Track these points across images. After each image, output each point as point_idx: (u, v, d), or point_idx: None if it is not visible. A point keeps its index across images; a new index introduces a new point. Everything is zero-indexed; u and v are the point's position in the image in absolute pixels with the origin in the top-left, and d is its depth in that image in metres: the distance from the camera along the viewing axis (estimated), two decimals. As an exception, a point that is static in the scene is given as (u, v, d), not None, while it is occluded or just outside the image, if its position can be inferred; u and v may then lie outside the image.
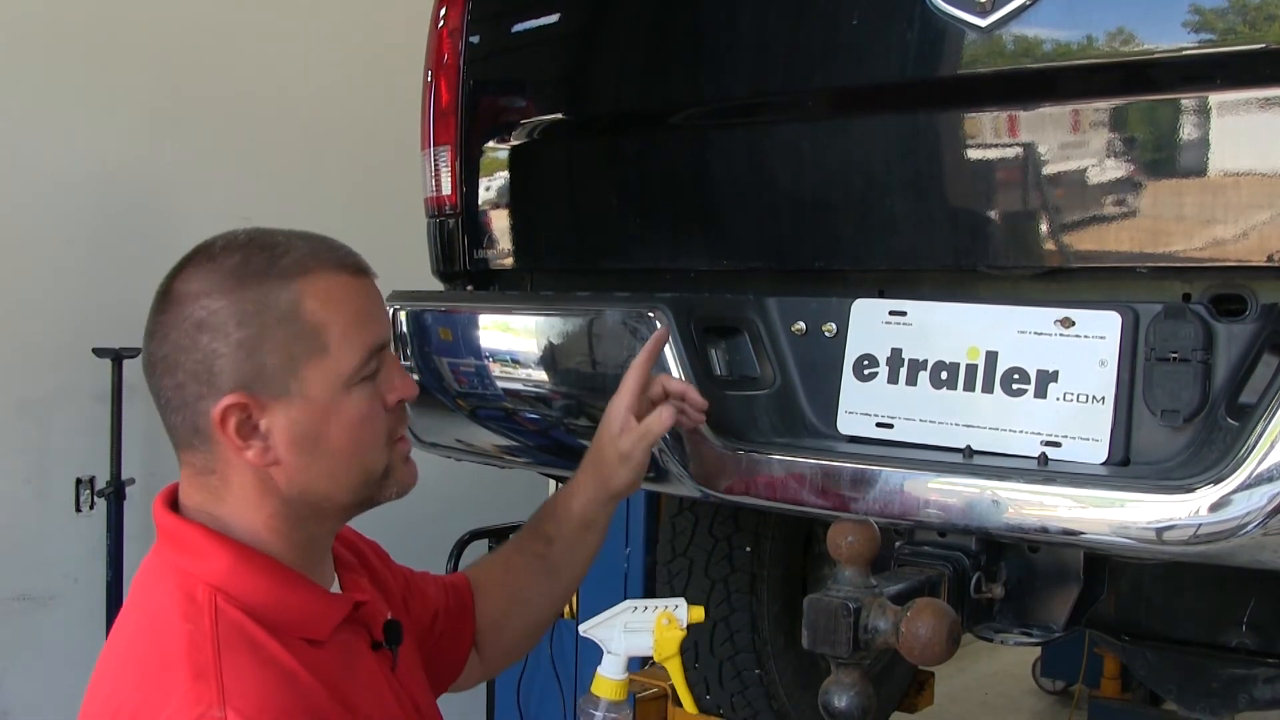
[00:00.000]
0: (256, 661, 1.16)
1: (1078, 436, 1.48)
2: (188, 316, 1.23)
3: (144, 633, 1.22)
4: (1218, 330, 1.43)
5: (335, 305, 1.26)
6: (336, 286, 1.27)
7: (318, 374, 1.25)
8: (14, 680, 3.23)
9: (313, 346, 1.24)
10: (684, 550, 2.50)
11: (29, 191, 3.27)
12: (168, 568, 1.26)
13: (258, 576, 1.24)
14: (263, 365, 1.23)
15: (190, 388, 1.23)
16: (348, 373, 1.26)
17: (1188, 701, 2.48)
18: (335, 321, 1.26)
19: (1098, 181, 1.50)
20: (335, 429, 1.26)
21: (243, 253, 1.26)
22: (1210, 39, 1.42)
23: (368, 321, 1.29)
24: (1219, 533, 1.26)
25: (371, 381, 1.29)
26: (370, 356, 1.28)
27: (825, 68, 1.76)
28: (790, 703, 2.53)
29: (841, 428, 1.69)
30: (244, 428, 1.24)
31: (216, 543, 1.25)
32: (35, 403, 3.31)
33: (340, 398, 1.26)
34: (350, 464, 1.28)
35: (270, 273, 1.24)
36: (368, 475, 1.30)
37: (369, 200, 3.84)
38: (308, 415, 1.25)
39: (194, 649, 1.15)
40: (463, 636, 1.66)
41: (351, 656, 1.31)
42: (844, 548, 1.40)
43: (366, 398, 1.28)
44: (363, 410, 1.28)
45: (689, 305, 1.75)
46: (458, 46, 2.16)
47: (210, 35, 3.65)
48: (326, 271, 1.27)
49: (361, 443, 1.28)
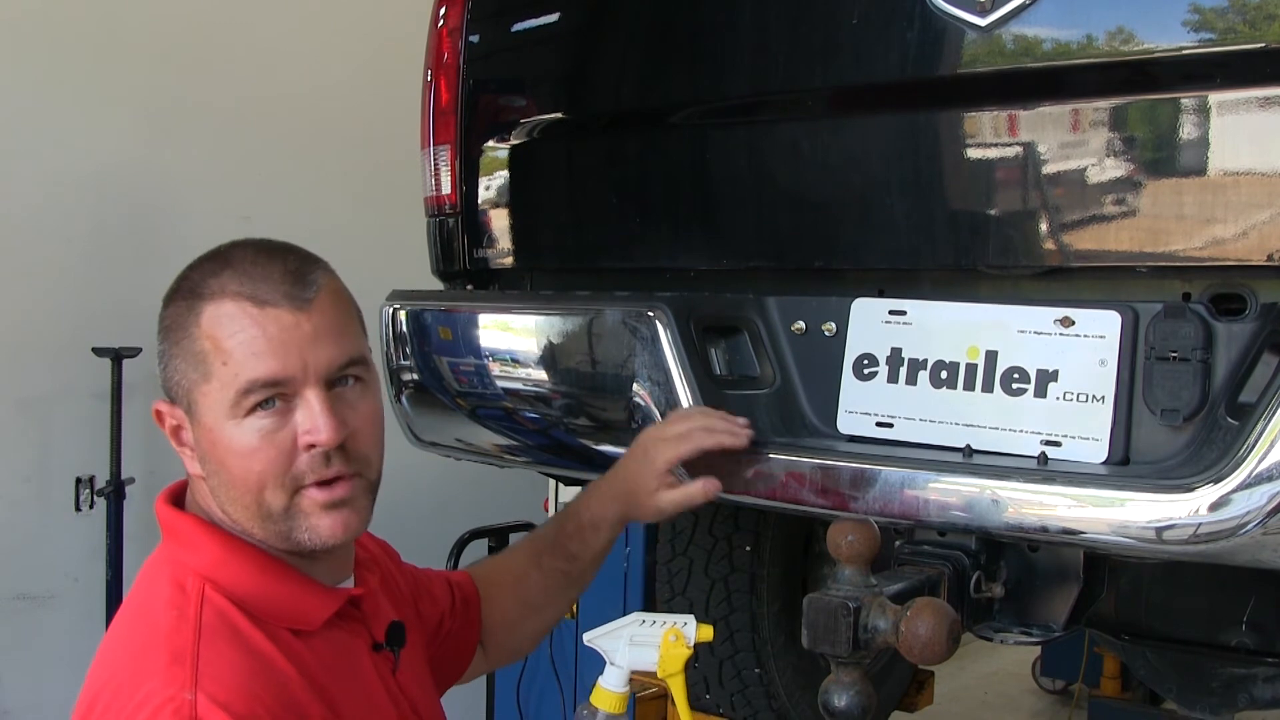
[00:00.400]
0: (235, 648, 1.18)
1: (1077, 436, 1.48)
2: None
3: (134, 619, 1.26)
4: (1217, 329, 1.43)
5: (224, 335, 1.23)
6: (234, 315, 1.23)
7: (207, 400, 1.25)
8: (14, 680, 3.23)
9: (200, 372, 1.24)
10: (684, 550, 2.50)
11: (29, 191, 3.27)
12: (166, 559, 1.29)
13: (244, 567, 1.26)
14: (171, 381, 1.28)
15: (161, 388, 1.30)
16: (227, 402, 1.23)
17: (1188, 701, 2.48)
18: (218, 351, 1.23)
19: (1097, 181, 1.50)
20: (225, 456, 1.25)
21: (199, 267, 1.28)
22: (1210, 39, 1.42)
23: (255, 355, 1.22)
24: (1219, 532, 1.26)
25: (273, 417, 1.23)
26: (249, 391, 1.22)
27: (825, 67, 1.76)
28: (790, 702, 2.53)
29: (841, 427, 1.68)
30: (176, 435, 1.29)
31: (207, 534, 1.28)
32: (35, 402, 3.31)
33: (226, 427, 1.24)
34: (243, 494, 1.25)
35: (193, 292, 1.26)
36: (265, 510, 1.25)
37: (369, 200, 3.84)
38: (203, 437, 1.26)
39: (175, 634, 1.18)
40: (469, 636, 1.66)
41: (346, 654, 1.31)
42: (844, 547, 1.40)
43: (258, 433, 1.23)
44: (248, 444, 1.23)
45: (689, 305, 1.75)
46: (458, 46, 2.16)
47: (210, 35, 3.65)
48: (228, 299, 1.24)
49: (248, 477, 1.24)
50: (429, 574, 1.65)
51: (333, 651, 1.28)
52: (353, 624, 1.34)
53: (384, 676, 1.35)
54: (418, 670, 1.46)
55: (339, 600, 1.31)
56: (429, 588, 1.61)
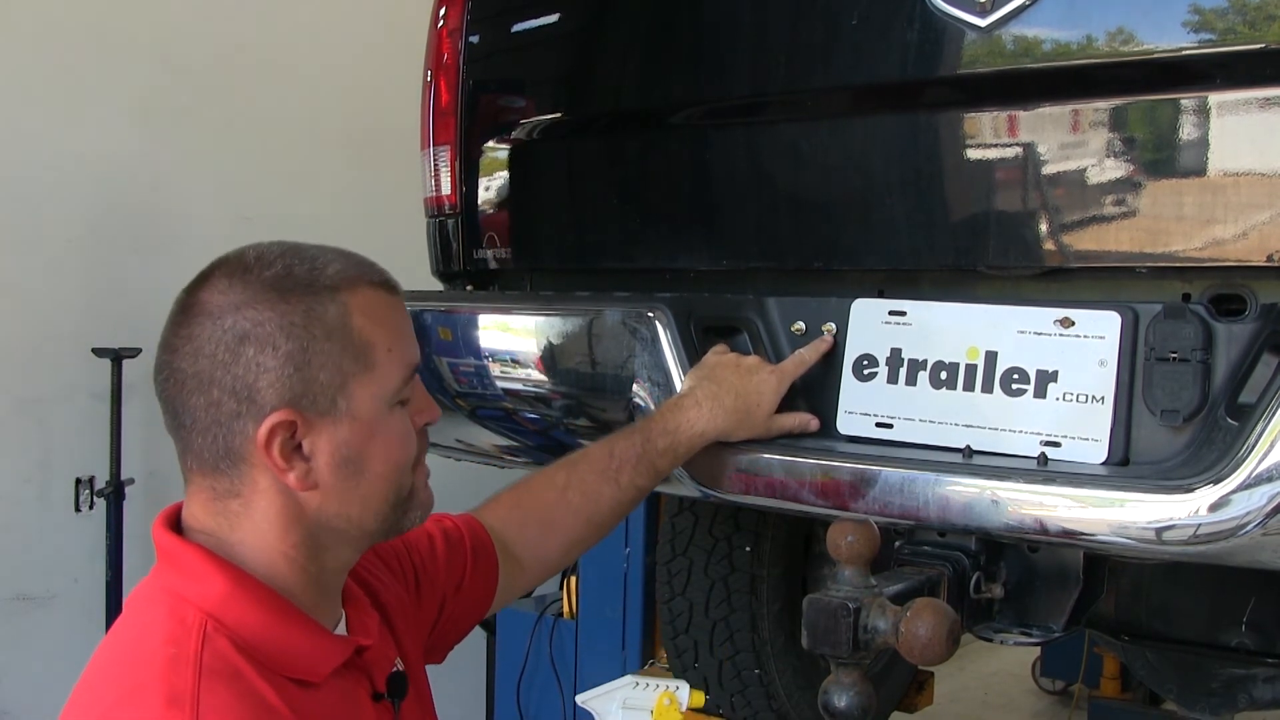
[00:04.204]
0: (236, 694, 1.10)
1: (1077, 436, 1.48)
2: (229, 329, 1.15)
3: (126, 653, 1.16)
4: (1217, 330, 1.42)
5: (379, 321, 1.22)
6: (379, 302, 1.23)
7: (365, 392, 1.20)
8: (14, 680, 3.23)
9: (361, 363, 1.19)
10: (684, 550, 2.50)
11: (29, 191, 3.27)
12: (162, 590, 1.19)
13: (254, 607, 1.16)
14: (312, 381, 1.17)
15: (226, 405, 1.15)
16: (392, 391, 1.22)
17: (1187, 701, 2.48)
18: (381, 338, 1.21)
19: (1097, 181, 1.50)
20: (378, 450, 1.22)
21: (282, 263, 1.19)
22: (1210, 39, 1.42)
23: (408, 340, 1.26)
24: (1218, 533, 1.26)
25: (407, 403, 1.26)
26: (410, 375, 1.25)
27: (825, 67, 1.76)
28: (790, 703, 2.53)
29: (841, 428, 1.68)
30: (287, 448, 1.17)
31: (215, 566, 1.18)
32: (35, 403, 3.31)
33: (384, 417, 1.22)
34: (386, 487, 1.24)
35: (315, 285, 1.19)
36: (398, 499, 1.26)
37: (369, 200, 3.84)
38: (354, 435, 1.20)
39: (172, 673, 1.09)
40: (486, 582, 1.59)
41: (348, 705, 1.25)
42: (844, 547, 1.40)
43: (404, 419, 1.25)
44: (402, 431, 1.25)
45: (689, 305, 1.75)
46: (457, 46, 2.16)
47: (212, 36, 3.65)
48: (367, 287, 1.23)
49: (398, 466, 1.25)
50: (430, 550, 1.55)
51: (336, 705, 1.21)
52: (355, 673, 1.27)
53: None
54: (419, 716, 1.40)
55: (347, 650, 1.25)
56: (431, 573, 1.53)
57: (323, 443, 1.18)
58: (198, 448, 1.19)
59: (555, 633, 3.50)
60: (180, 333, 1.18)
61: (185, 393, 1.17)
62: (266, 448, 1.16)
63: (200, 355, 1.16)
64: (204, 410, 1.16)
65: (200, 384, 1.16)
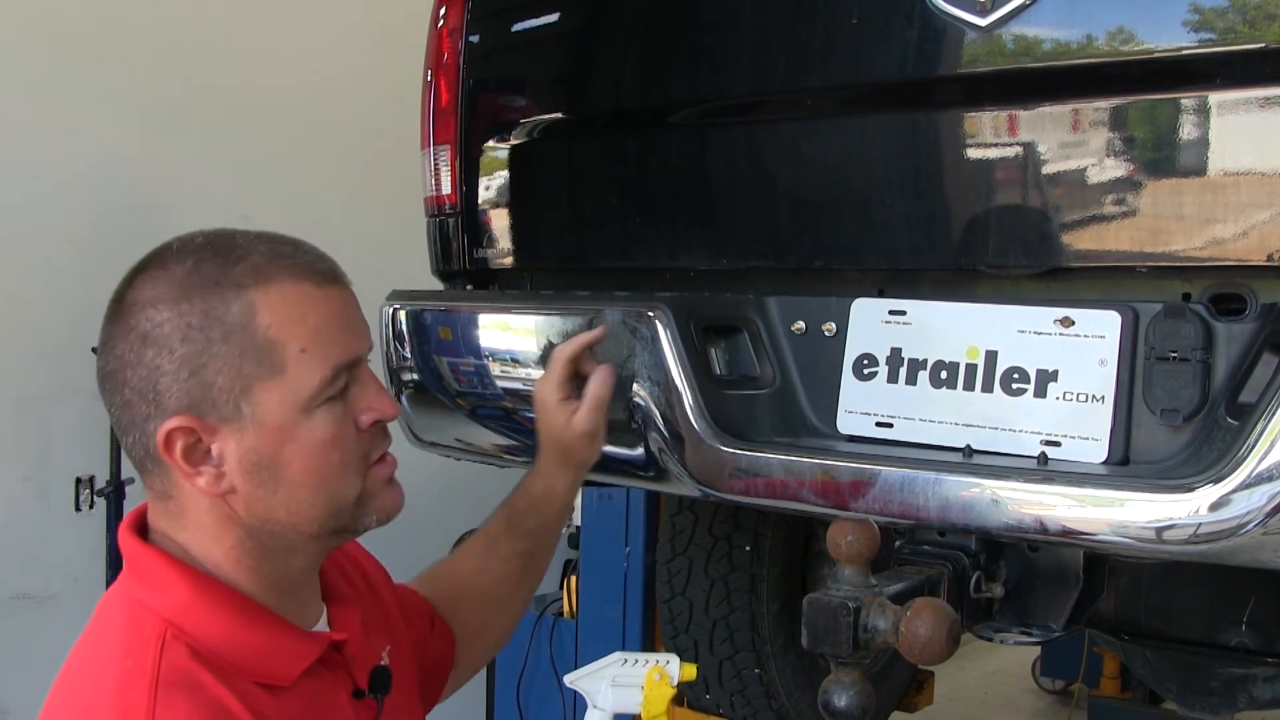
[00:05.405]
0: (194, 705, 1.05)
1: (1077, 436, 1.48)
2: (133, 328, 1.13)
3: (84, 665, 1.13)
4: (1217, 329, 1.43)
5: (295, 319, 1.13)
6: (297, 297, 1.14)
7: (272, 396, 1.12)
8: (14, 680, 3.23)
9: (266, 366, 1.12)
10: (684, 549, 2.50)
11: (27, 190, 3.27)
12: (123, 598, 1.15)
13: (216, 612, 1.12)
14: (209, 385, 1.10)
15: (138, 407, 1.13)
16: (306, 395, 1.13)
17: (1187, 701, 2.48)
18: (293, 338, 1.13)
19: (1097, 181, 1.50)
20: (294, 456, 1.13)
21: (195, 258, 1.13)
22: (1210, 39, 1.42)
23: (333, 337, 1.16)
24: (1219, 532, 1.26)
25: (340, 401, 1.17)
26: (335, 376, 1.15)
27: (825, 67, 1.76)
28: (790, 702, 2.53)
29: (841, 427, 1.68)
30: (192, 453, 1.12)
31: (176, 573, 1.13)
32: (34, 402, 3.31)
33: (299, 422, 1.13)
34: (315, 494, 1.15)
35: (222, 281, 1.12)
36: (336, 505, 1.17)
37: (369, 200, 3.84)
38: (262, 441, 1.12)
39: (127, 689, 1.05)
40: (445, 653, 1.55)
41: (322, 708, 1.19)
42: (844, 547, 1.40)
43: (332, 420, 1.15)
44: (326, 435, 1.15)
45: (689, 304, 1.75)
46: (457, 46, 2.16)
47: (209, 34, 3.65)
48: (286, 280, 1.14)
49: (326, 470, 1.15)
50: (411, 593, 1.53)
51: (307, 708, 1.16)
52: (333, 670, 1.22)
53: None
54: (406, 713, 1.35)
55: (318, 649, 1.19)
56: (416, 609, 1.51)
57: (230, 448, 1.12)
58: (127, 447, 1.17)
59: (555, 632, 3.50)
60: (105, 329, 1.17)
61: (106, 392, 1.16)
62: (168, 451, 1.11)
63: (113, 355, 1.15)
64: (121, 410, 1.15)
65: (115, 384, 1.15)
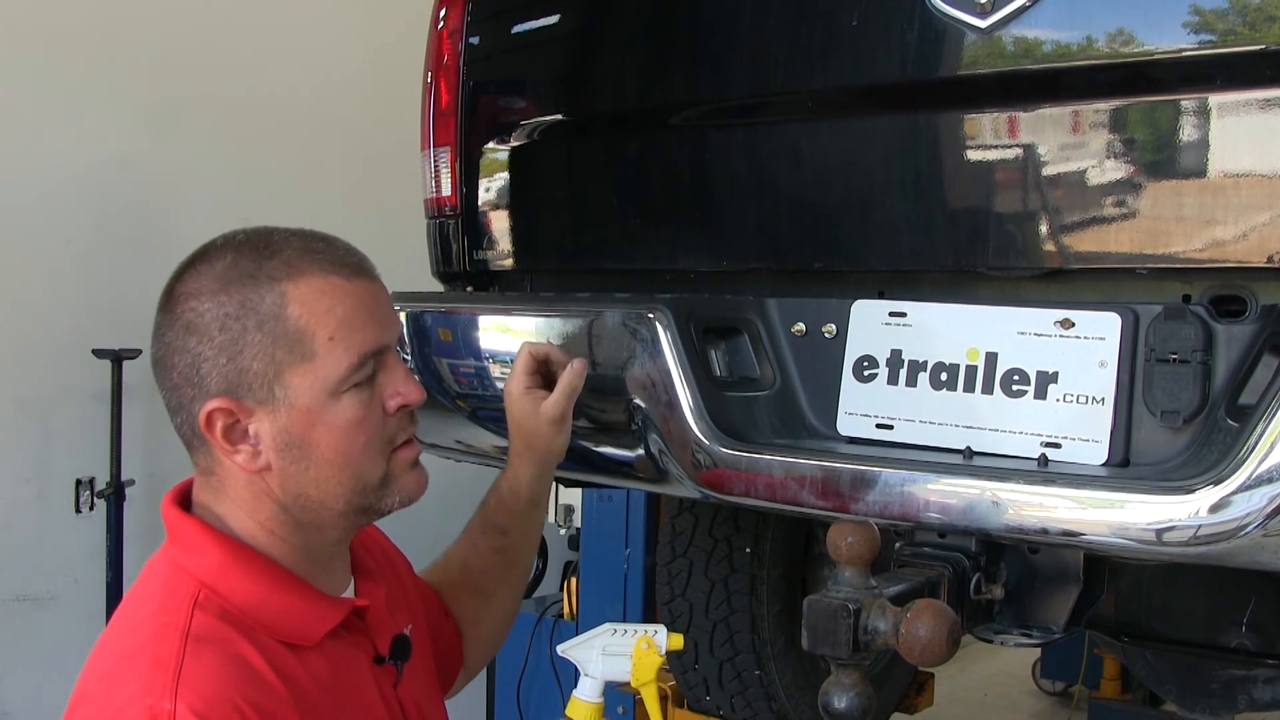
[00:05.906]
0: (221, 659, 1.15)
1: (1078, 437, 1.48)
2: (179, 318, 1.23)
3: (125, 622, 1.24)
4: (1217, 331, 1.43)
5: (323, 309, 1.23)
6: (326, 289, 1.24)
7: (303, 381, 1.23)
8: (14, 680, 3.23)
9: (297, 353, 1.22)
10: (684, 551, 2.50)
11: (28, 192, 3.27)
12: (165, 562, 1.26)
13: (246, 576, 1.23)
14: (245, 370, 1.22)
15: (184, 390, 1.24)
16: (334, 380, 1.24)
17: (1187, 702, 2.48)
18: (322, 326, 1.23)
19: (1097, 182, 1.50)
20: (323, 436, 1.24)
21: (235, 253, 1.24)
22: (1210, 39, 1.42)
23: (360, 326, 1.26)
24: (1219, 534, 1.26)
25: (368, 387, 1.27)
26: (362, 363, 1.25)
27: (825, 68, 1.76)
28: (790, 704, 2.53)
29: (841, 429, 1.68)
30: (231, 432, 1.23)
31: (211, 539, 1.25)
32: (35, 403, 3.31)
33: (327, 405, 1.24)
34: (341, 472, 1.26)
35: (257, 274, 1.23)
36: (362, 484, 1.28)
37: (369, 201, 3.84)
38: (294, 422, 1.23)
39: (161, 640, 1.15)
40: (456, 646, 1.64)
41: (345, 670, 1.28)
42: (844, 549, 1.40)
43: (359, 404, 1.26)
44: (353, 418, 1.25)
45: (689, 306, 1.75)
46: (458, 47, 2.16)
47: (209, 35, 3.65)
48: (316, 273, 1.24)
49: (352, 451, 1.26)
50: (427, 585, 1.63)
51: (330, 668, 1.26)
52: (356, 635, 1.32)
53: (384, 691, 1.33)
54: (424, 683, 1.44)
55: (341, 612, 1.29)
56: (433, 601, 1.60)
57: (265, 428, 1.24)
58: (176, 426, 1.28)
59: (555, 633, 3.50)
60: (156, 319, 1.27)
61: (157, 375, 1.27)
62: (209, 430, 1.23)
63: (162, 342, 1.25)
64: (170, 393, 1.26)
65: (164, 369, 1.26)
